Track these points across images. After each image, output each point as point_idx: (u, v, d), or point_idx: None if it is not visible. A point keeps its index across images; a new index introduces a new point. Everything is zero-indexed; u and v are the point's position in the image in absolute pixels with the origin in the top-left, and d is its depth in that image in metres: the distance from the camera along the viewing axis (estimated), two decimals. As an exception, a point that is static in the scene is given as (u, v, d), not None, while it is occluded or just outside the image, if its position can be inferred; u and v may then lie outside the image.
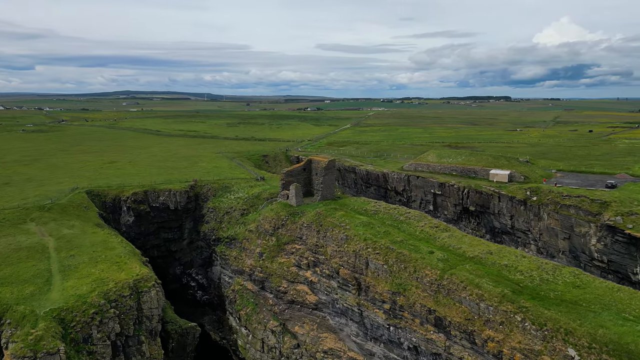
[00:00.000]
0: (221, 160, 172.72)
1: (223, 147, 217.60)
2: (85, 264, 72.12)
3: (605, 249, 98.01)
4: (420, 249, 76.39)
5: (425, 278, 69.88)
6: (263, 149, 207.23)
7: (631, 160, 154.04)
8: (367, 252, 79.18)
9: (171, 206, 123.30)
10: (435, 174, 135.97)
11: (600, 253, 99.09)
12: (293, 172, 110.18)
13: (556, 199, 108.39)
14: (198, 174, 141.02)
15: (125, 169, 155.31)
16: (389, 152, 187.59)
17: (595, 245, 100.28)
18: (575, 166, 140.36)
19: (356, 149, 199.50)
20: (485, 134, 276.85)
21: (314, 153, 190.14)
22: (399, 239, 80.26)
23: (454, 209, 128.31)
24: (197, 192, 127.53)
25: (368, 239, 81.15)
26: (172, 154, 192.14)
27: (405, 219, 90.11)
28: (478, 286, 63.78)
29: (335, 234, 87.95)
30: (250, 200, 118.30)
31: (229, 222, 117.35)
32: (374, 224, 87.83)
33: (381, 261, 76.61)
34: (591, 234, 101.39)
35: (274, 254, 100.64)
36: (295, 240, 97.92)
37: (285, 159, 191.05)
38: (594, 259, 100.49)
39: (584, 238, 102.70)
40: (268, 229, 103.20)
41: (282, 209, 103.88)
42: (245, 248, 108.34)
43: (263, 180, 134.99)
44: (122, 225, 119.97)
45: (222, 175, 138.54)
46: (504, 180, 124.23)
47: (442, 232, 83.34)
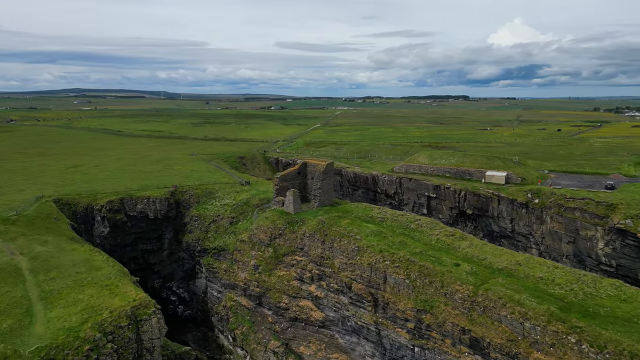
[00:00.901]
0: (197, 162, 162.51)
1: (194, 148, 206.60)
2: (69, 288, 62.29)
3: (614, 253, 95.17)
4: (444, 261, 70.45)
5: (456, 294, 63.88)
6: (238, 150, 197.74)
7: (614, 159, 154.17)
8: (385, 266, 72.60)
9: (150, 215, 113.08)
10: (428, 176, 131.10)
11: (608, 257, 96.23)
12: (287, 177, 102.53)
13: (560, 202, 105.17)
14: (176, 179, 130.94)
15: (93, 173, 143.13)
16: (371, 152, 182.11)
17: (603, 249, 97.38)
18: (566, 166, 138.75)
19: (336, 150, 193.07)
20: (458, 134, 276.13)
21: (294, 154, 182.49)
22: (417, 250, 74.12)
23: (450, 212, 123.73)
24: (178, 198, 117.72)
25: (384, 251, 74.59)
26: (142, 156, 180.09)
27: (416, 226, 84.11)
28: (520, 303, 58.24)
29: (344, 244, 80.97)
30: (239, 207, 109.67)
31: (216, 232, 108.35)
32: (385, 233, 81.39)
33: (402, 275, 70.18)
34: (598, 237, 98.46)
35: (271, 266, 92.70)
36: (296, 251, 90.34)
37: (263, 160, 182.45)
38: (602, 263, 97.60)
39: (590, 242, 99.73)
40: (263, 239, 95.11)
41: (278, 217, 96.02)
42: (237, 260, 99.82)
43: (248, 184, 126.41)
44: (96, 237, 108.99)
45: (203, 180, 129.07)
46: (500, 182, 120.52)
47: (460, 241, 77.76)
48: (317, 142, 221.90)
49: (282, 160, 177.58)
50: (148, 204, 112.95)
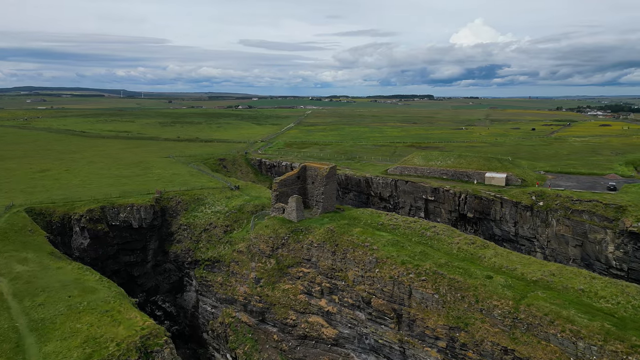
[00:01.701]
0: (176, 165, 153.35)
1: (169, 150, 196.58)
2: (64, 316, 53.96)
3: (625, 257, 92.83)
4: (473, 272, 65.51)
5: (494, 310, 58.94)
6: (216, 152, 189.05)
7: (602, 159, 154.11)
8: (410, 279, 67.09)
9: (134, 224, 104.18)
10: (424, 178, 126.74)
11: (619, 261, 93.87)
12: (287, 182, 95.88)
13: (566, 204, 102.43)
14: (158, 184, 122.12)
15: (64, 178, 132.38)
16: (356, 153, 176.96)
17: (613, 252, 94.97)
18: (559, 167, 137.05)
19: (320, 151, 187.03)
20: (436, 133, 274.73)
21: (277, 156, 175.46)
22: (442, 260, 68.99)
23: (449, 215, 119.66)
24: (163, 206, 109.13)
25: (407, 262, 69.09)
26: (115, 159, 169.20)
27: (433, 234, 79.02)
28: (569, 320, 53.72)
29: (359, 255, 75.09)
30: (232, 215, 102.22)
31: (208, 242, 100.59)
32: (402, 242, 75.97)
33: (430, 290, 64.83)
34: (608, 240, 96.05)
35: (274, 279, 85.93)
36: (302, 262, 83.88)
37: (245, 162, 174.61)
38: (612, 267, 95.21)
39: (600, 245, 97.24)
40: (264, 250, 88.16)
41: (279, 225, 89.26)
42: (234, 272, 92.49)
43: (238, 189, 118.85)
44: (74, 249, 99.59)
45: (188, 185, 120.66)
46: (500, 184, 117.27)
47: (483, 250, 73.10)
48: (298, 143, 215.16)
49: (266, 162, 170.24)
50: (132, 212, 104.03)
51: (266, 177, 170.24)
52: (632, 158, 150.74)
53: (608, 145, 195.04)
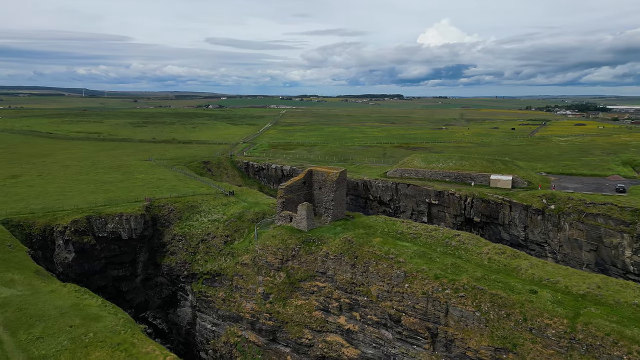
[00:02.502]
0: (159, 169, 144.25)
1: (147, 152, 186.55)
2: (68, 352, 46.02)
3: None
4: (514, 287, 60.60)
5: (547, 329, 54.02)
6: (198, 154, 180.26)
7: (596, 159, 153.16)
8: (446, 295, 61.64)
9: (124, 235, 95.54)
10: (426, 181, 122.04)
11: (637, 266, 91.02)
12: (293, 187, 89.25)
13: (579, 207, 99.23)
14: (145, 190, 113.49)
15: (40, 185, 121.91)
16: (347, 155, 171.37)
17: (631, 257, 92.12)
18: (560, 168, 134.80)
19: (308, 152, 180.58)
20: (418, 133, 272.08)
21: (265, 159, 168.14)
22: (478, 274, 63.83)
23: (454, 220, 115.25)
24: (154, 214, 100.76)
25: (441, 277, 63.64)
26: (91, 163, 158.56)
27: (458, 243, 73.90)
28: (635, 340, 49.30)
29: (384, 269, 69.28)
30: (232, 224, 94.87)
31: (207, 253, 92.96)
32: (429, 253, 70.56)
33: (471, 307, 59.52)
34: (625, 245, 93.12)
35: (285, 294, 79.25)
36: (316, 276, 77.53)
37: (231, 165, 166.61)
38: (629, 272, 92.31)
39: (616, 250, 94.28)
40: (272, 262, 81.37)
41: (288, 235, 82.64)
42: (238, 287, 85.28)
43: (233, 195, 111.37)
44: (58, 264, 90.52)
45: (178, 191, 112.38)
46: (507, 186, 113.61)
47: (516, 260, 68.37)
48: (282, 144, 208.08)
49: (254, 165, 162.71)
50: (120, 222, 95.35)
51: (254, 180, 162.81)
52: (626, 158, 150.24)
53: (594, 145, 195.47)
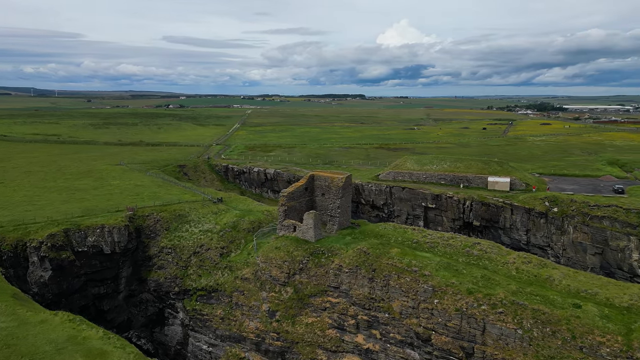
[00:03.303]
0: (134, 175, 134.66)
1: (116, 155, 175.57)
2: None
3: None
4: (554, 300, 56.54)
5: (600, 348, 50.04)
6: (171, 157, 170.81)
7: (580, 159, 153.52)
8: (483, 312, 56.94)
9: (106, 249, 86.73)
10: (420, 184, 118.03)
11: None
12: (295, 194, 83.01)
13: (583, 210, 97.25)
14: (123, 198, 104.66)
15: (2, 194, 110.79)
16: (330, 157, 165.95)
17: (638, 260, 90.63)
18: (550, 169, 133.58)
19: (288, 154, 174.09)
20: (392, 134, 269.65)
21: (245, 161, 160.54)
22: (512, 287, 59.49)
23: (452, 224, 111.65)
24: (137, 225, 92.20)
25: (475, 291, 58.95)
26: (56, 168, 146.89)
27: (480, 252, 69.58)
28: (701, 359, 45.77)
29: (407, 283, 64.08)
30: (227, 234, 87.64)
31: (200, 267, 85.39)
32: (454, 265, 65.89)
33: (511, 324, 55.01)
34: (632, 247, 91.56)
35: (293, 311, 72.94)
36: (328, 290, 71.63)
37: (209, 169, 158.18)
38: (636, 275, 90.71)
39: (622, 253, 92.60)
40: (278, 276, 74.92)
41: (294, 246, 76.39)
42: (239, 304, 78.31)
43: (221, 202, 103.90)
44: (32, 284, 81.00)
45: (161, 199, 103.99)
46: (505, 188, 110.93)
47: (546, 270, 64.54)
48: (259, 146, 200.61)
49: (234, 169, 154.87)
50: (102, 235, 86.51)
51: (234, 184, 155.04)
52: (608, 157, 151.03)
53: (570, 144, 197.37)
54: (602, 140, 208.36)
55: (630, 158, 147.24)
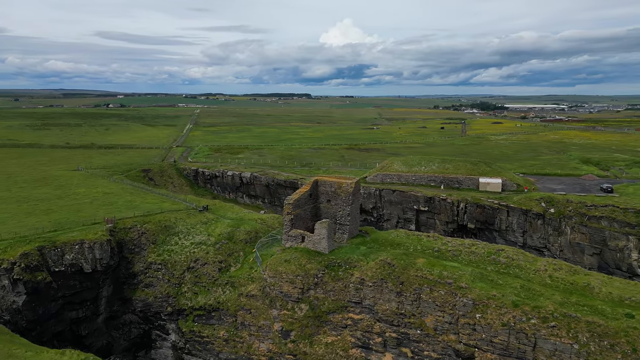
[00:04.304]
0: (98, 181, 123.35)
1: (67, 160, 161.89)
2: None
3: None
4: (603, 310, 54.00)
5: (666, 362, 47.67)
6: (133, 161, 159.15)
7: (552, 157, 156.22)
8: (533, 326, 53.49)
9: (86, 267, 77.03)
10: (410, 186, 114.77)
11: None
12: (300, 201, 77.04)
13: (581, 210, 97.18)
14: (100, 209, 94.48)
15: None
16: (304, 159, 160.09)
17: (638, 259, 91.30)
18: (531, 168, 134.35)
19: (260, 156, 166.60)
20: (354, 134, 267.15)
21: (216, 165, 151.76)
22: (557, 297, 56.57)
23: (445, 227, 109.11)
24: (119, 239, 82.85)
25: (521, 304, 55.46)
26: (7, 175, 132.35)
27: (507, 259, 66.43)
28: None
29: (442, 296, 59.82)
30: (224, 247, 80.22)
31: (196, 284, 77.55)
32: (488, 275, 62.32)
33: (566, 338, 51.84)
34: (631, 247, 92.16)
35: (310, 330, 67.02)
36: (349, 306, 66.29)
37: (177, 173, 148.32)
38: (636, 274, 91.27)
39: (621, 252, 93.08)
40: (290, 292, 68.73)
41: (306, 258, 70.42)
42: (246, 324, 71.40)
43: (207, 210, 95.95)
44: (4, 311, 70.35)
45: (141, 208, 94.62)
46: (496, 189, 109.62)
47: (581, 276, 62.20)
48: (226, 148, 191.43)
49: (205, 173, 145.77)
50: (81, 251, 76.77)
51: (205, 189, 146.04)
52: (579, 156, 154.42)
53: (534, 143, 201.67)
54: (561, 139, 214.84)
55: (599, 156, 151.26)
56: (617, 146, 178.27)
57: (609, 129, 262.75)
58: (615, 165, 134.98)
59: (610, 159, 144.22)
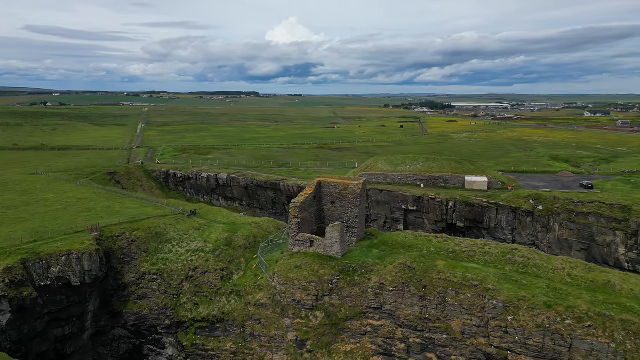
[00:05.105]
0: (66, 186, 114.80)
1: (18, 162, 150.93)
2: None
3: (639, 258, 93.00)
4: (633, 308, 54.42)
5: (703, 357, 48.52)
6: (95, 163, 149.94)
7: (521, 155, 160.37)
8: (568, 326, 53.15)
9: (74, 280, 70.71)
10: (397, 186, 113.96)
11: (632, 262, 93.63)
12: (306, 204, 73.82)
13: (568, 207, 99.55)
14: (79, 217, 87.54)
15: None
16: (278, 159, 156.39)
17: (625, 254, 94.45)
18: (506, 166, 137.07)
19: (230, 157, 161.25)
20: (317, 132, 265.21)
21: (188, 165, 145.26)
22: (586, 297, 56.68)
23: (434, 226, 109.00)
24: (106, 249, 76.76)
25: (554, 305, 55.04)
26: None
27: (523, 259, 66.24)
28: None
29: (469, 299, 58.65)
30: (224, 254, 75.91)
31: (197, 294, 72.88)
32: (511, 275, 61.75)
33: (603, 338, 51.81)
34: (618, 242, 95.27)
35: (327, 339, 64.27)
36: (367, 312, 64.03)
37: (145, 176, 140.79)
38: (623, 268, 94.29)
39: (609, 247, 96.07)
40: (303, 300, 65.73)
41: (318, 264, 67.60)
42: (256, 335, 67.67)
43: (195, 214, 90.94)
44: (-17, 333, 63.21)
45: (124, 214, 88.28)
46: (483, 187, 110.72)
47: (599, 274, 62.83)
48: (192, 148, 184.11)
49: (176, 175, 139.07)
50: (69, 263, 70.37)
51: (177, 192, 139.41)
52: (547, 153, 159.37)
53: (497, 141, 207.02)
54: (520, 136, 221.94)
55: (565, 153, 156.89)
56: (576, 143, 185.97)
57: (560, 127, 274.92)
58: (584, 162, 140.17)
59: (577, 156, 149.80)
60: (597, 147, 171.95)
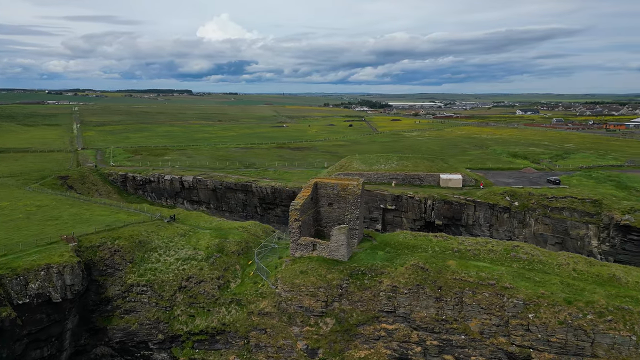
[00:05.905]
0: (17, 192, 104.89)
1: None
2: None
3: (612, 250, 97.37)
4: (645, 301, 56.53)
5: None
6: (42, 167, 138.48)
7: (479, 152, 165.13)
8: (590, 322, 54.11)
9: (55, 297, 63.92)
10: (374, 185, 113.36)
11: (605, 254, 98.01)
12: (305, 207, 71.23)
13: (543, 202, 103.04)
14: (47, 227, 79.64)
15: None
16: (242, 159, 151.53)
17: (598, 247, 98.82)
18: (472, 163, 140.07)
19: (188, 158, 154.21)
20: (268, 131, 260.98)
21: (148, 168, 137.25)
22: (602, 291, 58.11)
23: (412, 224, 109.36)
24: (86, 260, 70.18)
25: (574, 301, 55.87)
26: None
27: (528, 256, 67.10)
28: None
29: (487, 298, 58.50)
30: (219, 261, 71.57)
31: (192, 305, 68.17)
32: (523, 273, 62.29)
33: (624, 331, 53.15)
34: (591, 235, 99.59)
35: (339, 346, 62.08)
36: (380, 316, 62.45)
37: (101, 180, 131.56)
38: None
39: (582, 241, 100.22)
40: (312, 306, 63.17)
41: (325, 268, 65.24)
42: (261, 345, 64.19)
43: (174, 220, 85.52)
44: (-45, 362, 55.58)
45: (97, 222, 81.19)
46: (458, 185, 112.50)
47: (599, 267, 64.65)
48: (144, 149, 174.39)
49: (136, 178, 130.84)
50: (49, 278, 63.52)
51: (136, 196, 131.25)
52: (503, 150, 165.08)
53: (449, 139, 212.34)
54: (469, 134, 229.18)
55: (520, 150, 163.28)
56: (524, 141, 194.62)
57: (501, 125, 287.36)
58: (541, 158, 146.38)
59: (531, 153, 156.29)
60: (545, 144, 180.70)
